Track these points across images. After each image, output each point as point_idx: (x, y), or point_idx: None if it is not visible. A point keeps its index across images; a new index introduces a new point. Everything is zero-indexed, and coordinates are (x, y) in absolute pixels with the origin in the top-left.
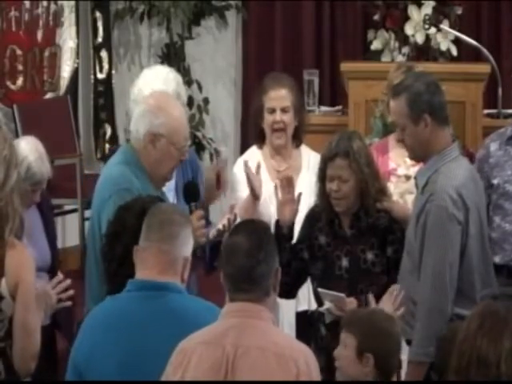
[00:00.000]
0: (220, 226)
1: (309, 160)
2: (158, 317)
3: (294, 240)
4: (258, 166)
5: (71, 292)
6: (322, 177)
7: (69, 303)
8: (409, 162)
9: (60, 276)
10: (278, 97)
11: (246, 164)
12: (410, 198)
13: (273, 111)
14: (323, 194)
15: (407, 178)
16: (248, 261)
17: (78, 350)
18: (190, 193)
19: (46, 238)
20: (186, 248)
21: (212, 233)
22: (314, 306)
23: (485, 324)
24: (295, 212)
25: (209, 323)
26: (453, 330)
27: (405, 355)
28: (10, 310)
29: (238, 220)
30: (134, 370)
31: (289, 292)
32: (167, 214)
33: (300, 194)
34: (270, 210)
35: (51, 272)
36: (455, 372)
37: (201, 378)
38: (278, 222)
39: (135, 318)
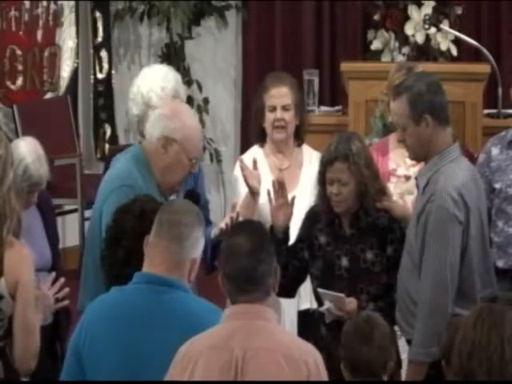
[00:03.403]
0: (223, 225)
1: (310, 157)
2: (164, 312)
3: (294, 239)
4: (254, 162)
5: (67, 290)
6: (322, 180)
7: (66, 302)
8: (409, 162)
9: (53, 275)
10: (279, 94)
11: (241, 160)
12: (409, 199)
13: (274, 109)
14: (323, 197)
15: (407, 178)
16: (250, 261)
17: (80, 336)
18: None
19: (47, 238)
20: (195, 249)
21: (214, 232)
22: (316, 304)
23: (482, 315)
24: (289, 216)
25: (213, 325)
26: (455, 323)
27: (405, 354)
28: (9, 309)
29: (241, 218)
30: (135, 362)
31: (287, 293)
32: (179, 214)
33: (294, 198)
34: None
35: (52, 272)
36: (457, 370)
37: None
38: (271, 227)
39: (142, 310)
